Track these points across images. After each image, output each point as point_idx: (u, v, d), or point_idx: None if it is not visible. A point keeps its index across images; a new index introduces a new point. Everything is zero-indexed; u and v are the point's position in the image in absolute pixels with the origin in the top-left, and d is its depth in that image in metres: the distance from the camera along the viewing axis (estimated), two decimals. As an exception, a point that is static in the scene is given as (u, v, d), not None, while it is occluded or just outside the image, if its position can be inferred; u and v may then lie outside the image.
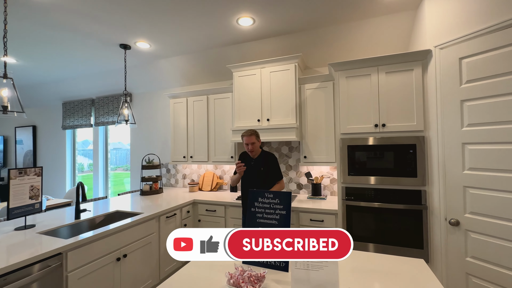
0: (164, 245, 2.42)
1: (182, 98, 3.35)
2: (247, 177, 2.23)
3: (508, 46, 1.58)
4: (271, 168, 2.24)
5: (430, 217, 2.02)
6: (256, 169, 2.22)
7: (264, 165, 2.22)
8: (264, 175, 2.20)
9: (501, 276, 1.62)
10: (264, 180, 2.20)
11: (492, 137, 1.65)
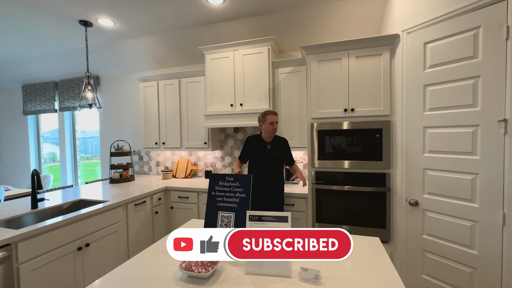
0: (133, 232, 2.36)
1: (152, 81, 3.19)
2: (263, 162, 2.14)
3: (464, 32, 1.62)
4: (286, 152, 2.22)
5: (393, 198, 2.11)
6: (273, 153, 2.14)
7: (280, 148, 2.17)
8: (280, 159, 2.18)
9: (451, 251, 1.74)
10: (280, 165, 2.20)
11: (448, 120, 1.72)
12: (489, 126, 1.53)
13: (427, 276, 1.89)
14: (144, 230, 2.51)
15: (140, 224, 2.46)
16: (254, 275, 1.00)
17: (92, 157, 7.84)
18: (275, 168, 2.15)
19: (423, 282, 1.90)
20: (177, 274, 1.01)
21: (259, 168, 2.13)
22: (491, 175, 1.53)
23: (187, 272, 0.96)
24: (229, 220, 1.24)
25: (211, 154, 3.31)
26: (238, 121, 2.68)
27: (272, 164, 2.14)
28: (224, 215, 1.25)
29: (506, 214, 1.48)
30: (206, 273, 0.95)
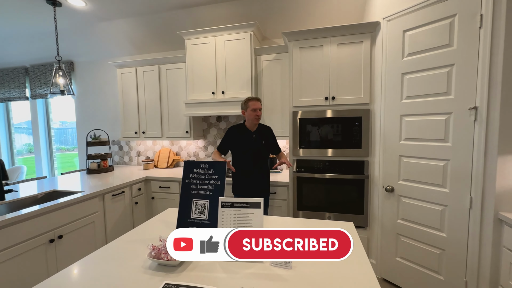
0: (111, 224, 2.30)
1: (130, 68, 3.04)
2: (250, 153, 2.00)
3: (441, 20, 1.63)
4: (272, 142, 2.12)
5: (371, 185, 2.16)
6: (258, 142, 2.01)
7: (265, 137, 2.06)
8: (266, 149, 2.07)
9: (422, 234, 1.81)
10: (266, 154, 2.09)
11: (424, 108, 1.75)
12: (461, 113, 1.58)
13: (401, 258, 1.97)
14: (123, 221, 2.45)
15: (119, 215, 2.40)
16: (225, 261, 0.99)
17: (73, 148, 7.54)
18: (262, 158, 2.06)
19: (397, 264, 1.99)
20: (147, 262, 0.98)
21: (246, 160, 2.00)
22: (461, 161, 1.59)
23: (157, 260, 0.94)
24: (203, 207, 1.22)
25: (193, 143, 3.24)
26: (220, 109, 2.62)
27: (259, 154, 2.03)
28: (198, 202, 1.23)
29: (473, 198, 1.55)
30: (176, 260, 0.94)
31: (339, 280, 0.86)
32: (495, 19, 1.40)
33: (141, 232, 1.30)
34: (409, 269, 1.91)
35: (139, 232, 1.30)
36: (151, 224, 1.41)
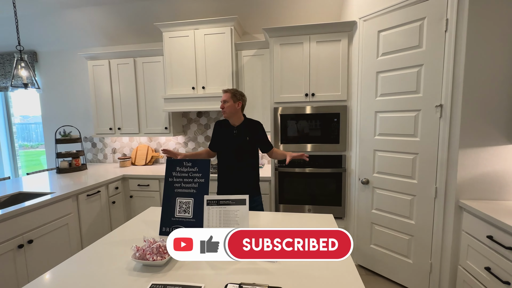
0: (86, 225, 2.19)
1: (103, 60, 2.86)
2: (230, 150, 1.78)
3: (412, 23, 1.74)
4: (260, 137, 1.83)
5: (348, 178, 2.27)
6: (241, 139, 1.77)
7: (251, 134, 1.79)
8: (251, 146, 1.80)
9: (394, 222, 1.96)
10: (252, 152, 1.82)
11: (396, 106, 1.87)
12: (428, 110, 1.71)
13: (374, 245, 2.11)
14: (100, 222, 2.35)
15: (95, 216, 2.29)
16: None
17: (38, 145, 6.98)
18: (246, 156, 1.79)
19: (371, 251, 2.13)
20: (131, 264, 0.97)
21: (227, 157, 1.81)
22: (427, 155, 1.73)
23: (142, 261, 0.93)
24: (187, 206, 1.21)
25: (173, 139, 3.16)
26: (200, 105, 2.58)
27: (241, 151, 1.77)
28: (182, 201, 1.22)
29: (437, 188, 1.70)
30: (162, 260, 0.93)
31: (322, 270, 0.91)
32: (459, 24, 1.52)
33: (122, 233, 1.26)
34: (382, 255, 2.06)
35: (120, 233, 1.26)
36: (132, 224, 1.37)
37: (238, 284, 0.82)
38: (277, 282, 0.84)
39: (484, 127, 1.54)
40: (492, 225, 1.35)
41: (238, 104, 1.76)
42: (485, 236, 1.38)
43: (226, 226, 1.02)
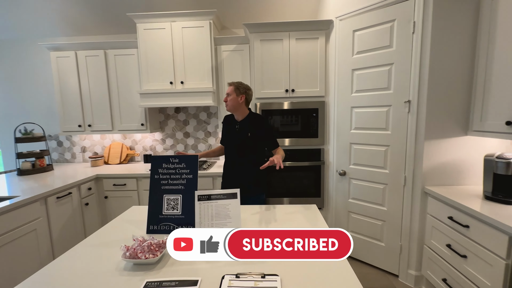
0: (57, 230, 2.04)
1: (68, 51, 2.64)
2: (232, 145, 1.74)
3: (383, 24, 1.87)
4: (262, 133, 1.71)
5: (326, 170, 2.39)
6: (243, 135, 1.69)
7: (253, 129, 1.69)
8: (253, 142, 1.69)
9: (368, 209, 2.12)
10: (254, 148, 1.71)
11: (370, 101, 2.01)
12: (398, 106, 1.86)
13: (352, 232, 2.27)
14: (72, 225, 2.20)
15: (66, 219, 2.14)
16: (206, 252, 1.01)
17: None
18: (248, 152, 1.70)
19: (348, 238, 2.28)
20: (121, 264, 0.94)
21: (231, 152, 1.77)
22: (397, 146, 1.89)
23: (133, 260, 0.91)
24: (175, 202, 1.19)
25: (149, 136, 3.04)
26: (179, 100, 2.51)
27: (243, 147, 1.70)
28: (170, 198, 1.20)
29: (406, 177, 1.87)
30: (154, 258, 0.92)
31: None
32: (424, 27, 1.67)
33: (104, 234, 1.21)
34: (358, 241, 2.22)
35: (103, 234, 1.20)
36: (115, 225, 1.31)
37: (234, 274, 0.84)
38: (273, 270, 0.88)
39: (445, 121, 1.72)
40: (452, 207, 1.54)
41: (241, 98, 1.67)
42: (447, 217, 1.56)
43: (218, 220, 1.03)
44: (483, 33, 1.58)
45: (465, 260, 1.43)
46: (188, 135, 3.01)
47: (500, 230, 1.22)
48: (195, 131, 3.00)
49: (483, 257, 1.31)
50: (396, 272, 2.02)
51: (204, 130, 2.99)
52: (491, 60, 1.53)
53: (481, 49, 1.61)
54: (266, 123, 1.75)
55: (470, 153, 1.75)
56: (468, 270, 1.40)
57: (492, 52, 1.53)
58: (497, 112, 1.50)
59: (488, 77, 1.56)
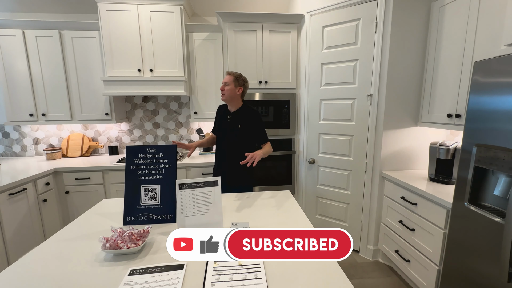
0: (11, 230, 1.85)
1: (14, 29, 2.32)
2: (222, 136, 1.74)
3: (350, 22, 2.00)
4: (253, 127, 1.70)
5: (297, 159, 2.53)
6: (233, 125, 1.69)
7: (244, 122, 1.69)
8: (243, 134, 1.69)
9: (334, 194, 2.31)
10: (243, 141, 1.69)
11: (337, 94, 2.16)
12: (362, 99, 2.03)
13: (319, 216, 2.46)
14: (28, 224, 2.01)
15: (21, 218, 1.95)
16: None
17: None
18: (237, 144, 1.69)
19: (317, 220, 2.47)
20: (100, 255, 0.91)
21: (220, 142, 1.77)
22: (360, 136, 2.09)
23: (114, 250, 0.89)
24: (154, 192, 1.18)
25: (115, 127, 2.86)
26: (147, 88, 2.40)
27: (232, 138, 1.70)
28: (148, 188, 1.18)
29: (367, 163, 2.08)
30: (137, 247, 0.92)
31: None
32: (385, 27, 1.84)
33: (76, 229, 1.15)
34: (325, 223, 2.42)
35: (75, 229, 1.15)
36: (87, 218, 1.25)
37: (219, 256, 0.89)
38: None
39: (400, 113, 1.95)
40: (404, 188, 1.77)
41: (238, 90, 1.67)
42: (399, 197, 1.79)
43: (200, 208, 1.06)
44: (432, 37, 1.81)
45: (413, 233, 1.68)
46: (158, 126, 2.90)
47: (440, 206, 1.45)
48: (166, 121, 2.90)
49: (427, 229, 1.55)
50: (357, 248, 2.26)
51: (175, 120, 2.91)
52: (438, 61, 1.76)
53: (430, 50, 1.83)
54: (258, 118, 1.75)
55: (420, 142, 2.02)
56: (415, 241, 1.65)
57: (438, 54, 1.76)
58: (440, 106, 1.74)
59: (435, 76, 1.79)
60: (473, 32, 1.48)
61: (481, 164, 1.17)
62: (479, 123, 1.19)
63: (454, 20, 1.62)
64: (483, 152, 1.16)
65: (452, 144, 1.69)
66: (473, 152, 1.21)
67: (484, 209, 1.17)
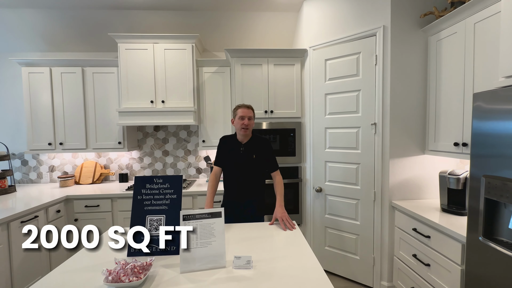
0: (19, 258, 1.87)
1: (43, 67, 2.56)
2: (235, 167, 1.73)
3: (351, 55, 2.11)
4: (266, 156, 1.76)
5: (304, 187, 2.50)
6: (247, 156, 1.71)
7: (258, 151, 1.73)
8: (257, 164, 1.74)
9: (343, 224, 2.23)
10: (257, 171, 1.75)
11: (341, 123, 2.20)
12: (366, 128, 2.06)
13: (329, 247, 2.35)
14: (36, 253, 2.02)
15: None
16: (190, 272, 1.02)
17: None
18: (252, 175, 1.74)
19: (326, 252, 2.36)
20: (102, 289, 0.91)
21: (232, 176, 1.76)
22: (367, 164, 2.07)
23: (115, 284, 0.89)
24: (158, 223, 1.20)
25: (126, 155, 2.96)
26: (159, 119, 2.52)
27: (247, 170, 1.72)
28: (153, 218, 1.20)
29: (375, 192, 2.04)
30: (138, 280, 0.91)
31: (293, 272, 1.03)
32: (384, 60, 1.92)
33: (82, 259, 1.16)
34: (335, 255, 2.31)
35: (80, 259, 1.16)
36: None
37: (220, 292, 0.87)
38: (257, 286, 0.92)
39: (406, 141, 1.94)
40: (415, 219, 1.70)
41: (253, 122, 1.75)
42: (411, 228, 1.72)
43: (203, 240, 1.06)
44: (431, 69, 1.87)
45: (428, 268, 1.57)
46: (167, 153, 2.99)
47: (455, 239, 1.38)
48: (175, 149, 2.99)
49: (443, 264, 1.46)
50: (370, 284, 2.12)
51: (184, 148, 2.99)
52: (439, 92, 1.80)
53: (430, 81, 1.88)
54: (270, 146, 1.80)
55: (428, 170, 1.98)
56: (432, 278, 1.54)
57: (439, 85, 1.80)
58: (446, 134, 1.73)
59: (438, 106, 1.81)
60: (471, 64, 1.52)
61: (491, 196, 1.14)
62: (485, 150, 1.17)
63: (452, 54, 1.68)
64: (492, 183, 1.13)
65: (462, 173, 1.65)
66: (482, 183, 1.18)
67: (501, 245, 1.11)
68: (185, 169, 3.00)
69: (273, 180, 1.81)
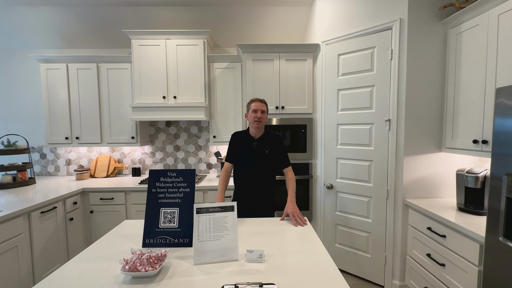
0: (39, 247, 1.95)
1: (60, 63, 2.64)
2: (247, 162, 1.72)
3: (365, 50, 2.05)
4: (279, 152, 1.75)
5: (314, 184, 2.49)
6: (260, 152, 1.71)
7: (270, 147, 1.73)
8: (269, 160, 1.73)
9: (354, 222, 2.21)
10: (269, 166, 1.75)
11: (354, 119, 2.16)
12: (380, 124, 2.01)
13: (339, 244, 2.34)
14: (54, 242, 2.11)
15: (49, 236, 2.06)
16: (203, 264, 1.04)
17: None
18: (264, 171, 1.74)
19: (337, 250, 2.35)
20: (119, 277, 0.94)
21: (245, 171, 1.74)
22: (380, 161, 2.03)
23: (132, 273, 0.92)
24: (172, 216, 1.22)
25: (139, 149, 3.02)
26: (171, 114, 2.55)
27: (260, 165, 1.72)
28: (167, 211, 1.22)
29: (388, 190, 2.00)
30: (154, 270, 0.93)
31: (306, 267, 1.03)
32: (400, 54, 1.86)
33: (99, 249, 1.20)
34: (345, 253, 2.29)
35: (97, 249, 1.20)
36: (108, 239, 1.30)
37: (233, 284, 0.88)
38: (269, 280, 0.92)
39: (421, 138, 1.89)
40: (430, 218, 1.66)
41: (267, 116, 1.74)
42: (426, 227, 1.68)
43: (216, 233, 1.07)
44: (450, 63, 1.80)
45: (443, 268, 1.54)
46: (178, 149, 3.03)
47: (473, 239, 1.34)
48: (186, 144, 3.02)
49: (459, 264, 1.42)
50: (381, 283, 2.09)
51: (195, 144, 3.03)
52: (458, 86, 1.73)
53: (449, 76, 1.81)
54: (282, 142, 1.80)
55: (444, 168, 1.92)
56: (447, 278, 1.51)
57: (459, 79, 1.73)
58: (465, 131, 1.67)
59: (456, 101, 1.75)
60: (494, 58, 1.46)
61: (514, 195, 1.09)
62: (507, 148, 1.13)
63: (473, 47, 1.61)
64: (515, 182, 1.08)
65: (481, 172, 1.59)
66: (504, 181, 1.13)
67: (523, 246, 1.07)
68: (196, 164, 3.04)
69: (285, 176, 1.80)
